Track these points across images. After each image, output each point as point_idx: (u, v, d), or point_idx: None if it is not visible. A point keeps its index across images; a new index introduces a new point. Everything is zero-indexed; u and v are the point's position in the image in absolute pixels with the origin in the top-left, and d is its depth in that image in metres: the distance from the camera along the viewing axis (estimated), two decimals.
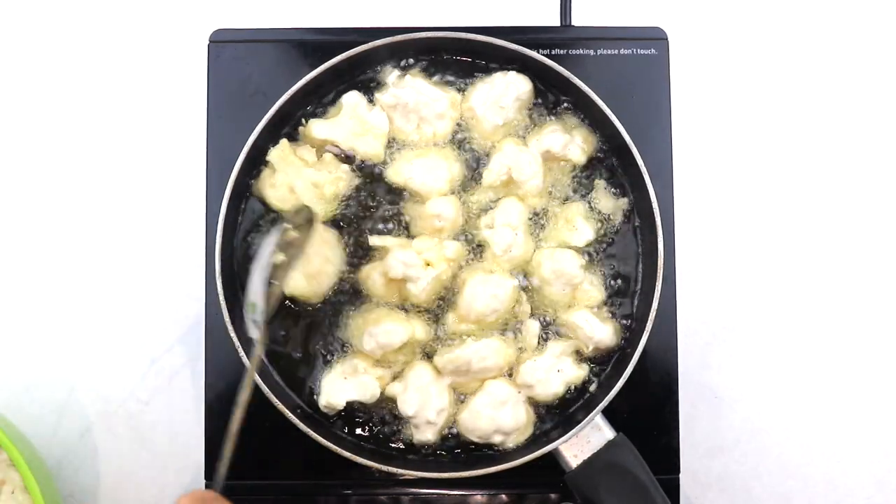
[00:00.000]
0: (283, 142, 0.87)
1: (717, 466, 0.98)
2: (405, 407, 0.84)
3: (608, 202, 0.90)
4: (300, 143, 0.90)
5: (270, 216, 0.89)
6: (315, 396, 0.87)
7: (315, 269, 0.86)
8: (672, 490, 0.87)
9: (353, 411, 0.87)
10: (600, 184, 0.90)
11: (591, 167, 0.91)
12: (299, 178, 0.87)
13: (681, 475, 0.89)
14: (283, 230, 0.83)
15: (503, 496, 0.88)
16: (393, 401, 0.86)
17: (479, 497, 0.89)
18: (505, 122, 0.89)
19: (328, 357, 0.88)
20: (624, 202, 0.90)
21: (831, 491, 0.98)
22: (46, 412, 0.98)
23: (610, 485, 0.82)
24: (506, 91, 0.88)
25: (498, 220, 0.87)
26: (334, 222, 0.89)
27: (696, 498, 0.98)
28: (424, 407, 0.84)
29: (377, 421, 0.88)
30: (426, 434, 0.86)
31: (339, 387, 0.86)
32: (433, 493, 0.88)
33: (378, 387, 0.86)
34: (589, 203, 0.90)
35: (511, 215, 0.87)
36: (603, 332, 0.86)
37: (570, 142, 0.89)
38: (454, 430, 0.87)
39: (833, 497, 0.98)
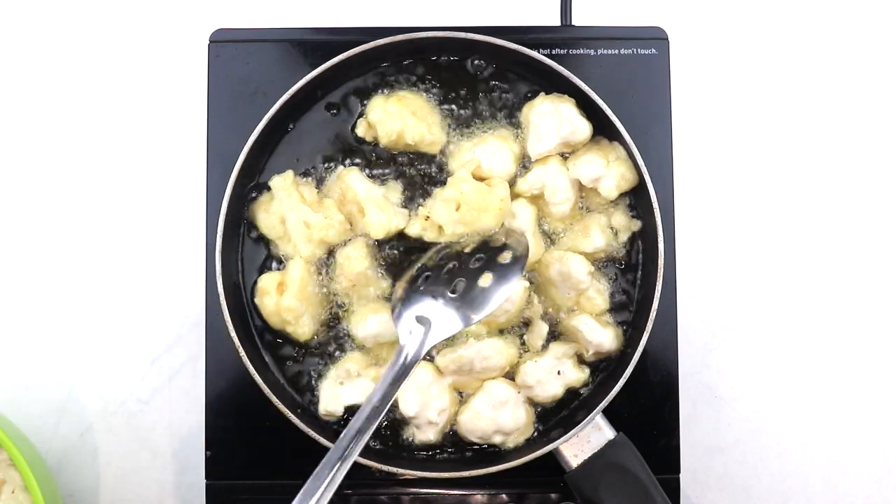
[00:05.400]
0: (289, 172, 0.87)
1: (717, 466, 0.98)
2: (406, 407, 0.84)
3: (622, 219, 0.89)
4: (307, 180, 0.89)
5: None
6: (315, 395, 0.87)
7: None
8: (672, 490, 0.87)
9: (352, 411, 0.87)
10: (622, 200, 0.89)
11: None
12: (293, 211, 0.85)
13: (681, 475, 0.89)
14: None
15: (503, 496, 0.88)
16: (393, 401, 0.86)
17: (479, 497, 0.89)
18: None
19: (331, 354, 0.88)
20: (636, 224, 0.89)
21: (831, 490, 0.99)
22: (46, 412, 0.98)
23: (610, 484, 0.82)
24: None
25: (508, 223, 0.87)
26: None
27: (696, 498, 0.98)
28: (426, 407, 0.84)
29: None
30: (427, 434, 0.86)
31: (335, 393, 0.86)
32: (433, 493, 0.88)
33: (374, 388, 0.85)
34: (608, 217, 0.89)
35: (522, 220, 0.86)
36: (603, 337, 0.86)
37: (604, 175, 0.86)
38: (454, 430, 0.87)
39: (832, 496, 0.98)
